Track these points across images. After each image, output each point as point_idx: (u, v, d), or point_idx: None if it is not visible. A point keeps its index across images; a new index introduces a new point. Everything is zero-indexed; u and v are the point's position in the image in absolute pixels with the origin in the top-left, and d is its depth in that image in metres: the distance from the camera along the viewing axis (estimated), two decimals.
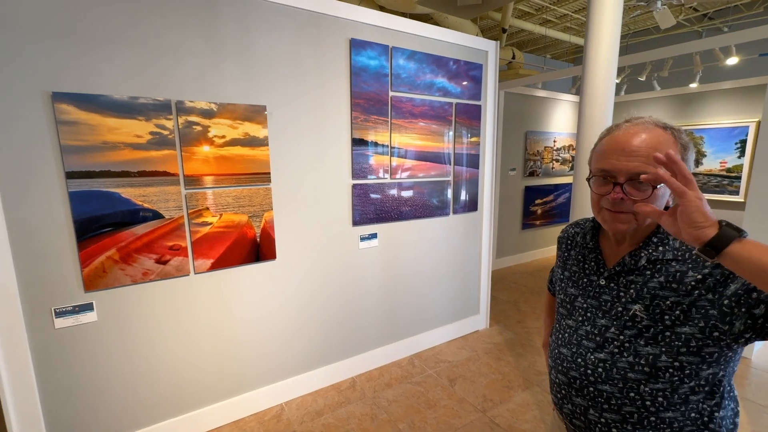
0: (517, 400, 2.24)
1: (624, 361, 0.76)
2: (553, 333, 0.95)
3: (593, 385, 0.80)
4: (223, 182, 1.87)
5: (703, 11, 4.93)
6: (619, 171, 0.73)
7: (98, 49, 1.54)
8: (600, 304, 0.82)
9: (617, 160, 0.74)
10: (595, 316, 0.82)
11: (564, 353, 0.87)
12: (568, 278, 0.92)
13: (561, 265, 0.97)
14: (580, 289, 0.88)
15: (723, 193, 4.43)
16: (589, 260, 0.88)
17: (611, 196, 0.75)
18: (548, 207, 5.27)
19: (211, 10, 1.75)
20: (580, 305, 0.87)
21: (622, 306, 0.78)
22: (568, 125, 5.27)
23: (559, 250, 1.01)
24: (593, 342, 0.81)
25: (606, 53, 1.59)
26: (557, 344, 0.90)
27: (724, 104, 4.42)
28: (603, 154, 0.78)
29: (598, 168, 0.78)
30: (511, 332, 3.10)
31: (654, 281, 0.75)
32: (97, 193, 1.59)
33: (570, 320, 0.88)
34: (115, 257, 1.65)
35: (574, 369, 0.83)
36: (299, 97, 2.04)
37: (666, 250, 0.75)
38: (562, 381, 0.87)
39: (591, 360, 0.80)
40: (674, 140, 0.74)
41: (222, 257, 1.90)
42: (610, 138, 0.78)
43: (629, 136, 0.74)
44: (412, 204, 2.57)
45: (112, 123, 1.58)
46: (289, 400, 2.24)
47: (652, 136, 0.73)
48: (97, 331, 1.67)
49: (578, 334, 0.85)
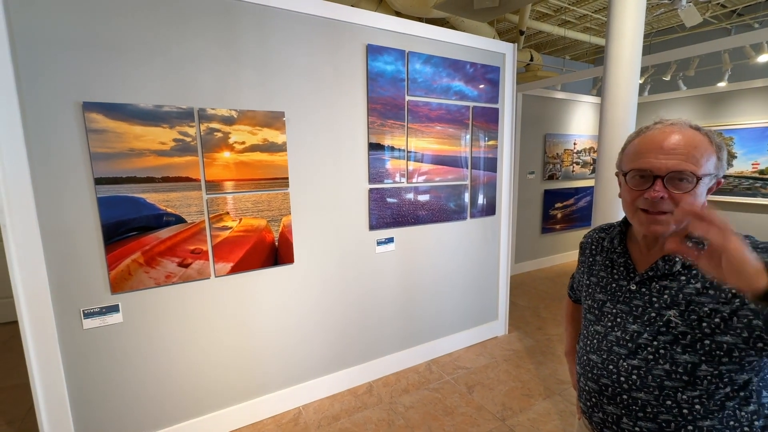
0: (538, 409, 2.18)
1: (660, 368, 0.73)
2: (580, 339, 0.93)
3: (627, 392, 0.77)
4: (243, 187, 1.91)
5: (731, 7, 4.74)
6: (658, 168, 0.72)
7: (125, 60, 1.60)
8: (631, 309, 0.80)
9: (655, 158, 0.73)
10: (625, 321, 0.80)
11: (594, 360, 0.85)
12: (595, 284, 0.90)
13: (586, 271, 0.95)
14: (609, 294, 0.85)
15: (755, 196, 4.23)
16: (618, 265, 0.86)
17: (651, 195, 0.72)
18: (569, 211, 5.15)
19: (232, 20, 1.80)
20: (609, 311, 0.84)
21: (655, 312, 0.75)
22: (588, 127, 5.16)
23: (582, 255, 0.98)
24: (625, 348, 0.79)
25: (628, 54, 1.55)
26: (586, 351, 0.88)
27: (755, 103, 4.23)
28: (638, 154, 0.76)
29: (633, 168, 0.76)
30: (531, 339, 3.03)
31: (690, 287, 0.72)
32: (124, 199, 1.65)
33: (599, 326, 0.86)
34: (140, 260, 1.70)
35: (606, 376, 0.81)
36: (317, 102, 2.07)
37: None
38: (592, 388, 0.85)
39: (624, 367, 0.78)
40: (708, 141, 0.73)
41: (241, 261, 1.93)
42: (644, 138, 0.77)
43: (665, 135, 0.73)
44: (429, 208, 2.55)
45: (138, 131, 1.64)
46: (307, 404, 2.25)
47: (687, 136, 0.72)
48: (122, 332, 1.72)
49: (608, 340, 0.83)
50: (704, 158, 0.72)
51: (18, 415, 2.20)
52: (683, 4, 3.19)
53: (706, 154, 0.72)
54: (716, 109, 4.54)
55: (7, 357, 2.86)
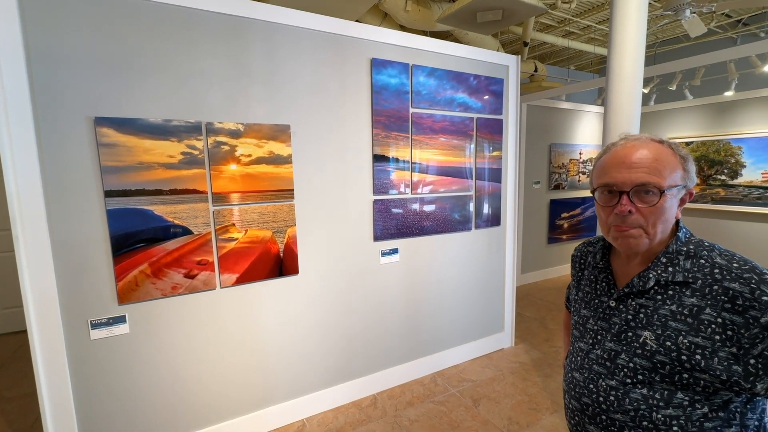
0: (545, 423, 2.14)
1: (638, 393, 0.73)
2: (567, 356, 0.92)
3: (605, 413, 0.77)
4: (249, 199, 1.94)
5: (737, 17, 4.74)
6: (623, 182, 0.74)
7: (135, 76, 1.65)
8: (610, 326, 0.80)
9: (619, 172, 0.75)
10: (604, 339, 0.80)
11: (577, 378, 0.84)
12: (581, 299, 0.90)
13: (575, 285, 0.95)
14: (592, 311, 0.86)
15: (766, 205, 4.17)
16: (601, 280, 0.86)
17: (618, 210, 0.74)
18: (575, 221, 5.11)
19: (239, 36, 1.85)
20: (591, 327, 0.84)
21: (632, 331, 0.75)
22: (594, 137, 5.15)
23: (573, 269, 0.99)
24: (604, 367, 0.78)
25: (630, 65, 1.56)
26: (570, 367, 0.88)
27: (763, 112, 4.20)
28: (604, 170, 0.78)
29: (600, 183, 0.78)
30: (538, 351, 2.99)
31: (665, 308, 0.72)
32: (132, 211, 1.68)
33: (581, 343, 0.86)
34: (147, 271, 1.73)
35: (586, 395, 0.81)
36: (322, 115, 2.10)
37: (676, 271, 0.73)
38: (575, 407, 0.84)
39: (602, 387, 0.78)
40: (672, 153, 0.75)
41: (246, 272, 1.95)
42: (610, 154, 0.79)
43: (629, 150, 0.75)
44: (434, 219, 2.56)
45: (147, 144, 1.68)
46: (311, 416, 2.23)
47: (650, 149, 0.74)
48: (128, 343, 1.74)
49: (589, 357, 0.82)
50: (668, 170, 0.72)
51: (25, 425, 2.21)
52: (687, 15, 3.20)
53: (670, 166, 0.73)
54: (723, 119, 4.51)
55: (17, 366, 2.89)
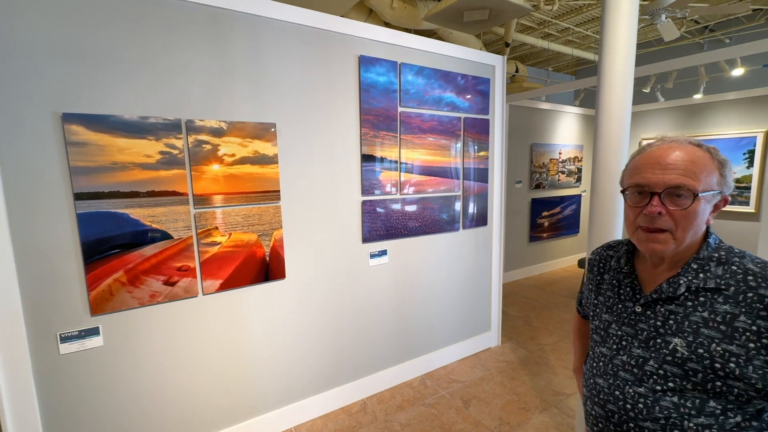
0: (535, 422, 2.15)
1: (668, 400, 0.71)
2: (587, 361, 0.90)
3: (633, 421, 0.74)
4: (233, 201, 1.84)
5: (704, 23, 4.96)
6: (655, 183, 0.72)
7: (109, 70, 1.53)
8: (636, 332, 0.78)
9: (652, 173, 0.73)
10: (630, 345, 0.78)
11: (600, 384, 0.82)
12: (602, 303, 0.88)
13: (594, 290, 0.93)
14: (615, 315, 0.83)
15: (733, 204, 4.38)
16: (625, 285, 0.84)
17: (648, 210, 0.72)
18: (555, 219, 5.21)
19: (222, 30, 1.75)
20: (614, 332, 0.82)
21: (661, 338, 0.73)
22: (573, 137, 5.27)
23: (590, 272, 0.96)
24: (630, 374, 0.76)
25: (621, 67, 1.57)
26: (592, 373, 0.85)
27: (730, 115, 4.41)
28: (636, 170, 0.76)
29: (632, 183, 0.77)
30: (525, 349, 3.02)
31: (696, 315, 0.70)
32: (106, 215, 1.56)
33: (604, 348, 0.84)
34: (123, 279, 1.61)
35: (612, 402, 0.78)
36: (309, 114, 2.03)
37: (707, 278, 0.71)
38: (599, 414, 0.82)
39: (630, 393, 0.75)
40: (711, 157, 0.73)
41: (231, 277, 1.86)
42: (644, 154, 0.77)
43: (664, 151, 0.73)
44: (422, 219, 2.53)
45: (122, 143, 1.56)
46: (299, 425, 2.16)
47: (687, 152, 0.72)
48: (103, 356, 1.62)
49: (614, 363, 0.80)
50: (704, 174, 0.71)
51: None
52: (662, 19, 3.30)
53: (707, 170, 0.71)
54: (693, 121, 4.71)
55: None
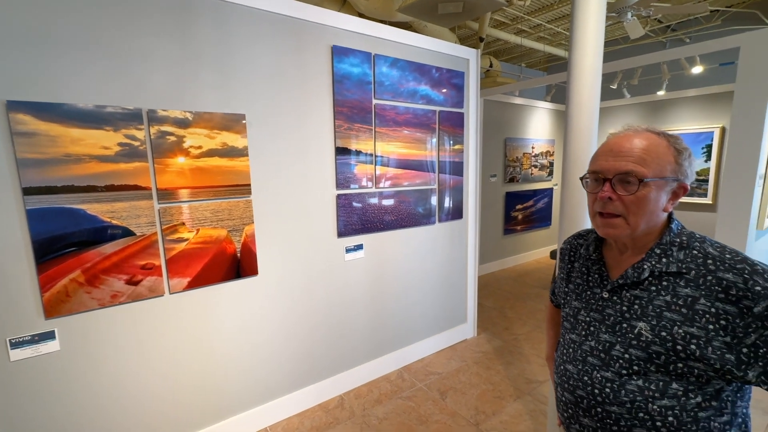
0: (510, 410, 2.20)
1: (633, 384, 0.73)
2: (558, 348, 0.92)
3: (601, 405, 0.76)
4: (200, 195, 1.76)
5: (666, 23, 5.17)
6: (607, 170, 0.75)
7: (62, 56, 1.42)
8: (604, 318, 0.79)
9: (605, 160, 0.76)
10: (598, 330, 0.80)
11: (570, 370, 0.83)
12: (572, 291, 0.90)
13: (565, 278, 0.94)
14: (584, 302, 0.85)
15: (692, 196, 4.62)
16: (593, 272, 0.86)
17: (599, 195, 0.76)
18: (528, 212, 5.34)
19: (187, 15, 1.66)
20: (583, 319, 0.84)
21: (626, 323, 0.75)
22: (545, 132, 5.39)
23: (562, 261, 0.98)
24: (598, 359, 0.78)
25: (590, 62, 1.60)
26: (562, 360, 0.87)
27: (690, 111, 4.63)
28: (595, 157, 0.80)
29: (589, 170, 0.80)
30: (499, 339, 3.08)
31: (660, 299, 0.72)
32: (59, 210, 1.46)
33: (573, 334, 0.85)
34: (80, 279, 1.51)
35: (581, 388, 0.80)
36: (280, 105, 1.97)
37: (670, 262, 0.73)
38: (569, 400, 0.83)
39: (598, 378, 0.77)
40: (668, 145, 0.74)
41: (200, 275, 1.78)
42: (604, 143, 0.80)
43: (621, 140, 0.76)
44: (398, 213, 2.52)
45: (75, 134, 1.46)
46: (274, 424, 2.12)
47: (644, 139, 0.74)
48: (60, 362, 1.52)
49: (582, 349, 0.82)
50: (656, 161, 0.72)
51: None
52: (629, 17, 3.40)
53: (660, 158, 0.73)
54: (656, 116, 4.92)
55: None
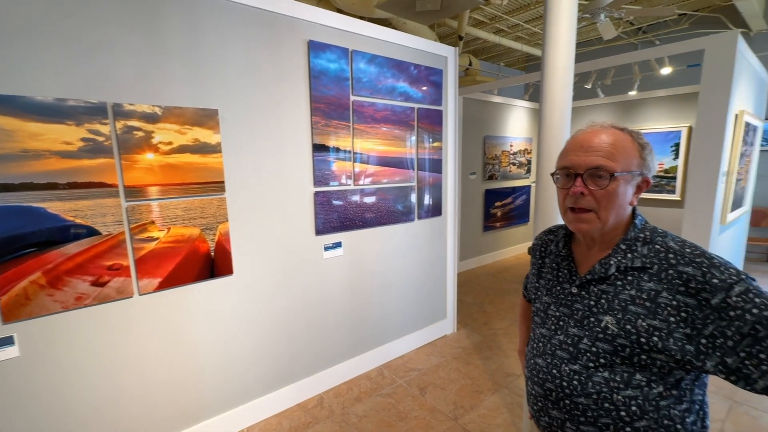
0: (488, 404, 2.24)
1: (600, 376, 0.74)
2: (529, 342, 0.93)
3: (569, 397, 0.78)
4: (171, 193, 1.71)
5: (638, 25, 5.34)
6: (578, 165, 0.77)
7: (17, 45, 1.34)
8: (572, 312, 0.81)
9: (576, 156, 0.78)
10: (567, 324, 0.81)
11: (539, 364, 0.85)
12: (543, 286, 0.91)
13: (536, 273, 0.96)
14: (553, 297, 0.87)
15: (662, 192, 4.80)
16: (563, 268, 0.87)
17: (572, 190, 0.77)
18: (507, 209, 5.43)
19: (156, 5, 1.60)
20: (552, 313, 0.85)
21: (594, 317, 0.77)
22: (523, 130, 5.49)
23: (533, 257, 0.99)
24: (567, 353, 0.80)
25: (563, 61, 1.63)
26: (533, 354, 0.88)
27: (659, 110, 4.80)
28: (565, 153, 0.82)
29: (559, 166, 0.82)
30: (478, 335, 3.12)
31: (625, 293, 0.74)
32: (17, 209, 1.38)
33: (543, 329, 0.87)
34: (41, 281, 1.44)
35: (550, 381, 0.81)
36: (255, 100, 1.92)
37: (635, 257, 0.75)
38: (538, 393, 0.85)
39: (566, 371, 0.79)
40: (632, 140, 0.78)
41: (171, 275, 1.73)
42: (572, 139, 0.82)
43: (588, 135, 0.79)
44: (377, 210, 2.51)
45: (33, 128, 1.38)
46: (252, 425, 2.08)
47: (609, 135, 0.77)
48: (19, 369, 1.44)
49: (552, 343, 0.83)
50: (623, 156, 0.75)
51: None
52: (602, 19, 3.50)
53: (626, 152, 0.76)
54: (629, 115, 5.07)
55: None
